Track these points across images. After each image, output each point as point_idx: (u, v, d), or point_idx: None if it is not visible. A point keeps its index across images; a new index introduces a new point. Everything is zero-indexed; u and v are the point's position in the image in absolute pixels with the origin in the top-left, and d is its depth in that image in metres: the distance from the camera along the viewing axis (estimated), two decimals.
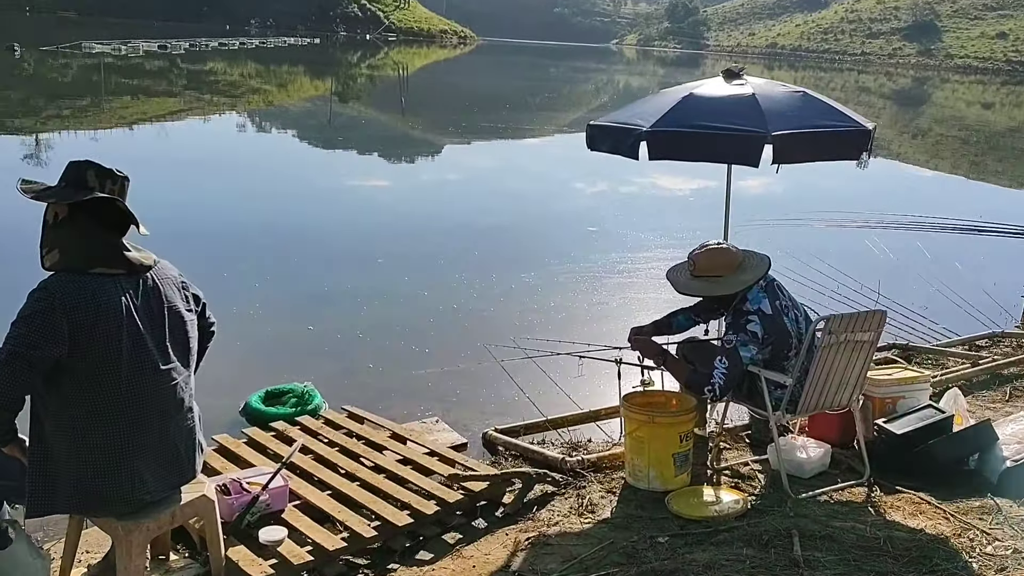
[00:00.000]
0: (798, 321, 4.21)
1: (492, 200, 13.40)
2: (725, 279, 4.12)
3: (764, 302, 4.08)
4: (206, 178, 13.89)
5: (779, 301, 4.15)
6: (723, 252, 4.18)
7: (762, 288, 4.13)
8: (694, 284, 4.18)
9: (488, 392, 5.76)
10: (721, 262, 4.15)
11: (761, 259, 4.21)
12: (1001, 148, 27.36)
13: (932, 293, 8.32)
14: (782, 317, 4.12)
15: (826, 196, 14.18)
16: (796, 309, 4.25)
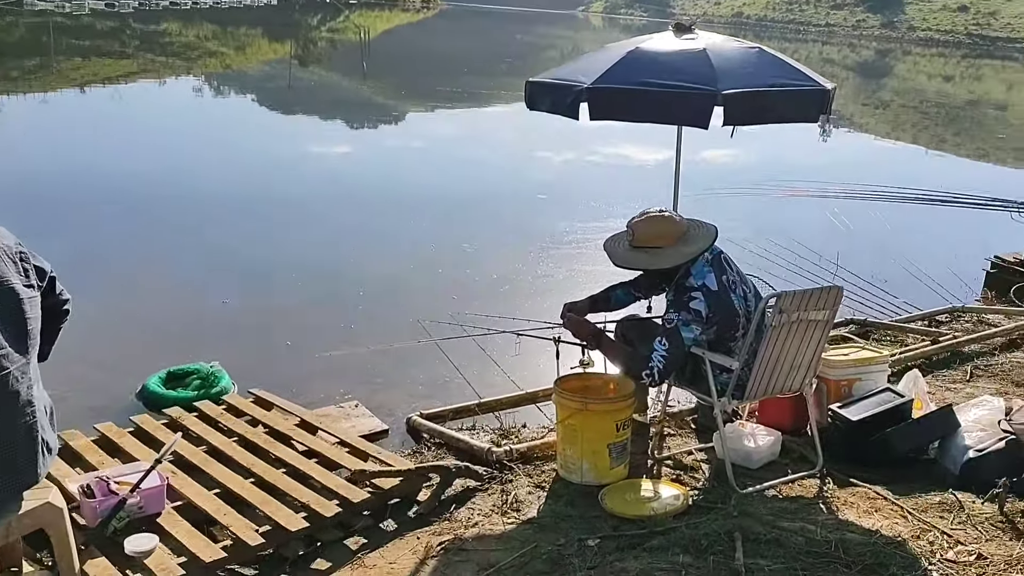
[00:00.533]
0: (747, 298, 3.78)
1: (448, 169, 12.75)
2: (666, 251, 3.66)
3: (709, 277, 3.64)
4: (152, 144, 13.12)
5: (726, 276, 3.71)
6: (665, 221, 3.72)
7: (708, 261, 3.69)
8: (632, 256, 3.72)
9: (420, 372, 5.27)
10: (662, 231, 3.69)
11: (707, 229, 3.77)
12: (960, 120, 27.22)
13: (892, 266, 7.96)
14: (729, 294, 3.68)
15: (788, 167, 13.78)
16: (745, 285, 3.82)
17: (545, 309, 5.86)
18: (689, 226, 3.76)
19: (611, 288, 4.07)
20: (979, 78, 37.59)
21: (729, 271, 3.75)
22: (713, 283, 3.63)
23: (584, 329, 3.77)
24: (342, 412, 4.49)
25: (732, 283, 3.72)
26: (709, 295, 3.60)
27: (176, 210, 9.13)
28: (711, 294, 3.60)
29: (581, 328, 3.78)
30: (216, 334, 5.74)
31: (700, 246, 3.66)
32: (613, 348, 3.75)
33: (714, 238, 3.71)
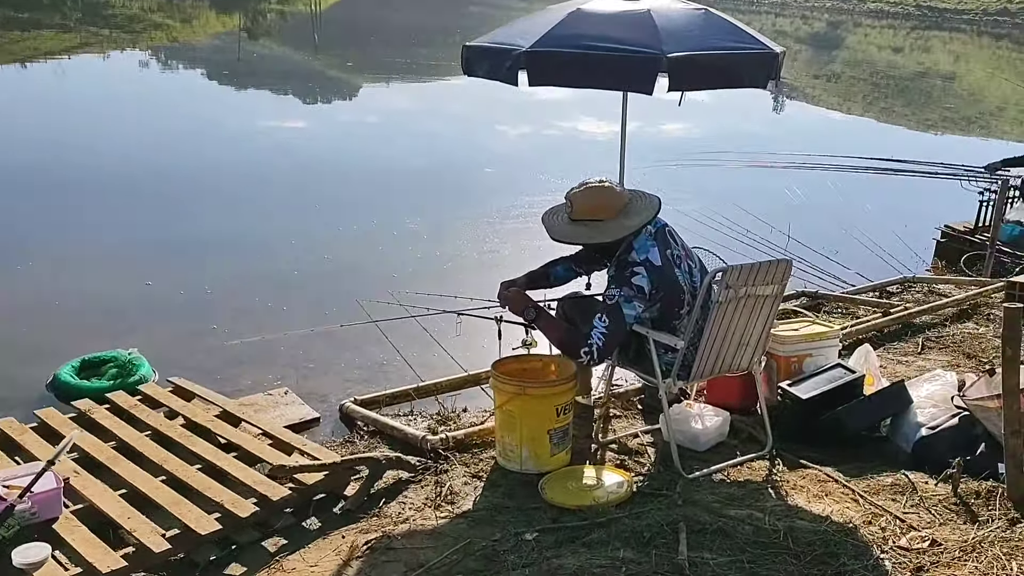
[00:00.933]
0: (692, 273, 3.55)
1: (398, 142, 12.27)
2: (606, 224, 3.41)
3: (652, 251, 3.41)
4: (89, 118, 12.51)
5: (670, 250, 3.48)
6: (604, 192, 3.47)
7: (651, 235, 3.45)
8: (571, 229, 3.46)
9: (357, 355, 4.99)
10: (602, 203, 3.44)
11: (650, 201, 3.53)
12: (909, 92, 27.39)
13: (843, 236, 7.83)
14: (673, 269, 3.45)
15: (742, 138, 13.62)
16: (691, 260, 3.59)
17: (489, 286, 5.53)
18: (631, 197, 3.52)
19: (551, 264, 3.82)
20: (927, 49, 37.84)
21: (674, 245, 3.52)
22: (656, 258, 3.40)
23: (520, 305, 3.51)
24: (270, 400, 4.20)
25: (677, 258, 3.49)
26: (652, 270, 3.37)
27: (106, 186, 8.67)
28: (654, 269, 3.37)
29: (518, 304, 3.53)
30: (137, 318, 5.36)
31: (643, 218, 3.42)
32: (551, 326, 3.50)
33: (657, 210, 3.47)
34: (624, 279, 3.36)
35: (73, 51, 22.80)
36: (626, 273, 3.37)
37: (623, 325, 3.33)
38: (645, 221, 3.41)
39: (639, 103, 4.65)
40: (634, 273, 3.36)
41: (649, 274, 3.36)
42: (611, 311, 3.32)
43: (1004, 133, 18.76)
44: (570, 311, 3.79)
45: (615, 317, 3.31)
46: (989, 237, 6.87)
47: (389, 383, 4.61)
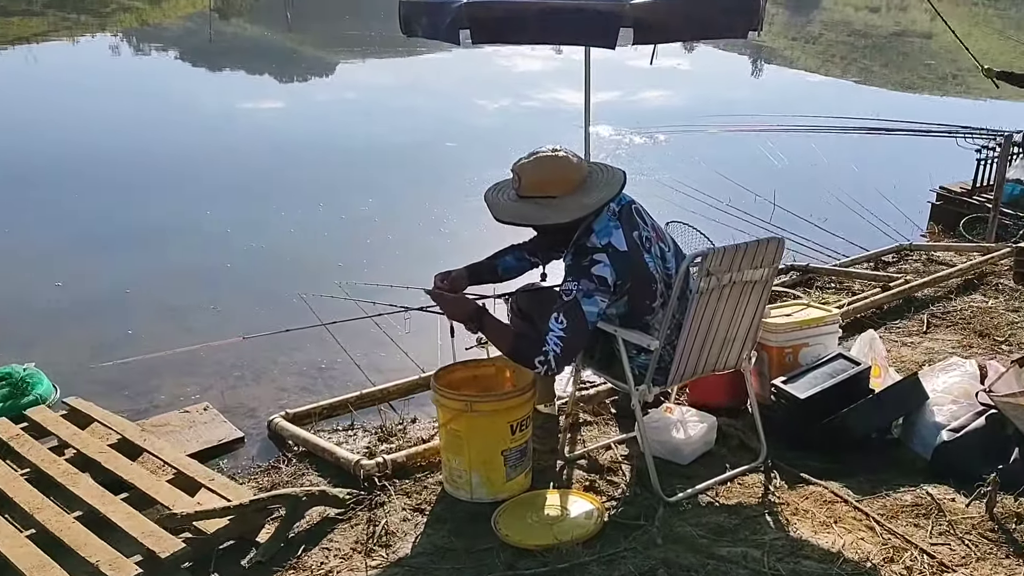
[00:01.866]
0: (665, 258, 2.92)
1: (361, 120, 11.45)
2: (560, 201, 2.77)
3: (616, 234, 2.77)
4: (47, 105, 11.60)
5: (638, 232, 2.84)
6: (558, 163, 2.81)
7: (614, 215, 2.82)
8: (518, 208, 2.80)
9: (296, 358, 4.33)
10: (554, 177, 2.79)
11: (613, 174, 2.88)
12: (887, 51, 26.71)
13: (832, 202, 7.21)
14: (641, 254, 2.81)
15: (720, 103, 12.91)
16: (663, 242, 2.95)
17: None
18: (591, 170, 2.87)
19: (498, 254, 3.17)
20: (904, 8, 37.08)
21: (642, 225, 2.88)
22: (621, 241, 2.76)
23: (460, 308, 2.87)
24: (186, 419, 3.55)
25: (646, 240, 2.85)
26: (616, 257, 2.73)
27: (39, 175, 7.89)
28: (619, 256, 2.74)
29: (456, 307, 2.88)
30: (40, 326, 4.65)
31: (604, 195, 2.78)
32: (498, 332, 2.85)
33: (621, 184, 2.82)
34: (583, 269, 2.72)
35: (41, 37, 21.85)
36: (585, 262, 2.73)
37: (584, 325, 2.69)
38: (607, 198, 2.77)
39: (614, 71, 4.03)
40: (594, 261, 2.72)
41: (613, 261, 2.72)
42: (569, 309, 2.69)
43: (984, 92, 18.16)
44: (526, 307, 3.16)
45: (574, 316, 2.68)
46: (991, 199, 6.25)
47: (331, 390, 3.99)
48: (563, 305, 2.70)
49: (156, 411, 3.69)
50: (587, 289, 2.69)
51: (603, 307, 2.73)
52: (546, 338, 2.67)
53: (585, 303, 2.69)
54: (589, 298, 2.69)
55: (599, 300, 2.71)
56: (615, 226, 2.79)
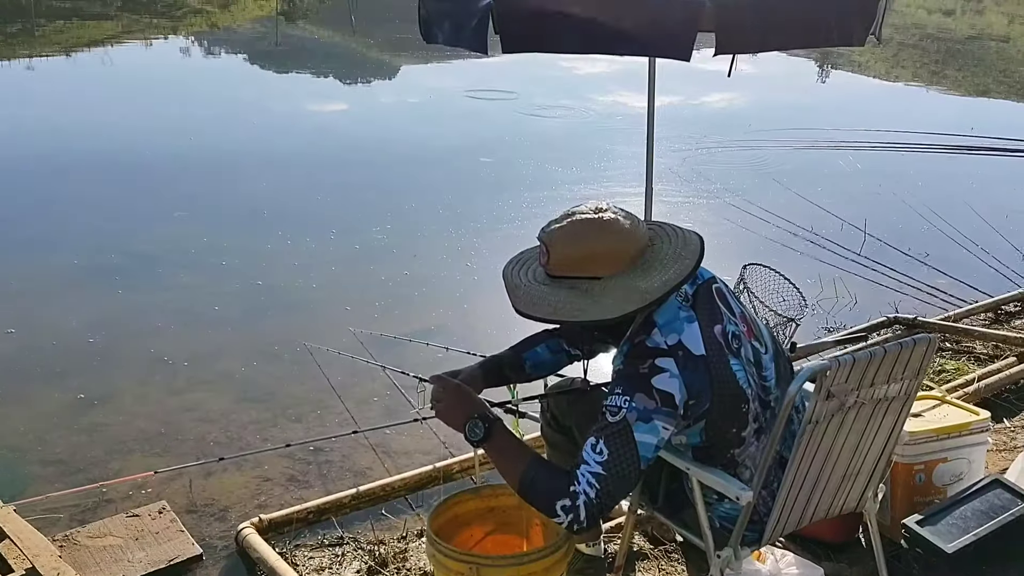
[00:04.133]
0: (760, 363, 1.95)
1: (409, 127, 10.40)
2: (606, 285, 1.82)
3: (689, 330, 1.81)
4: (96, 110, 10.99)
5: (721, 326, 1.88)
6: (602, 231, 1.83)
7: (687, 300, 1.87)
8: (546, 295, 1.85)
9: (290, 433, 3.49)
10: (598, 250, 1.82)
11: (684, 241, 1.90)
12: (961, 56, 24.97)
13: (930, 231, 6.12)
14: (726, 359, 1.85)
15: (791, 111, 11.72)
16: (758, 339, 1.97)
17: (471, 323, 4.12)
18: (652, 237, 1.94)
19: (526, 343, 2.22)
20: (980, 11, 34.95)
21: (727, 316, 1.91)
22: (696, 341, 1.81)
23: (456, 411, 1.95)
24: (133, 528, 2.72)
25: (732, 338, 1.90)
26: (689, 364, 1.78)
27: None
28: (692, 362, 1.79)
29: (451, 410, 1.95)
30: None
31: (671, 276, 1.82)
32: (505, 451, 1.90)
33: (698, 258, 1.87)
34: (639, 379, 1.77)
35: (116, 39, 21.73)
36: (643, 368, 1.79)
37: (635, 462, 1.73)
38: (674, 281, 1.82)
39: (674, 72, 3.06)
40: (656, 369, 1.77)
41: (684, 371, 1.77)
42: (614, 435, 1.74)
43: None
44: (563, 414, 2.25)
45: (621, 446, 1.73)
46: None
47: (326, 480, 3.13)
48: (606, 428, 1.75)
49: (105, 508, 2.88)
50: (644, 409, 1.74)
51: (666, 436, 1.78)
52: (577, 473, 1.75)
53: (639, 429, 1.74)
54: (646, 422, 1.74)
55: (660, 426, 1.76)
56: (688, 318, 1.84)
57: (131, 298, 4.74)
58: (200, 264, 5.24)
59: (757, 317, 2.03)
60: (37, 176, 7.31)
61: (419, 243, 5.74)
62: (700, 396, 1.80)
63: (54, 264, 5.22)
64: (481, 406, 1.94)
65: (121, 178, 7.34)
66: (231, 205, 6.64)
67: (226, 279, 5.01)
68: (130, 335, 4.26)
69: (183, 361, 3.98)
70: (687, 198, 6.77)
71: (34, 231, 5.84)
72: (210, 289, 4.82)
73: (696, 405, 1.80)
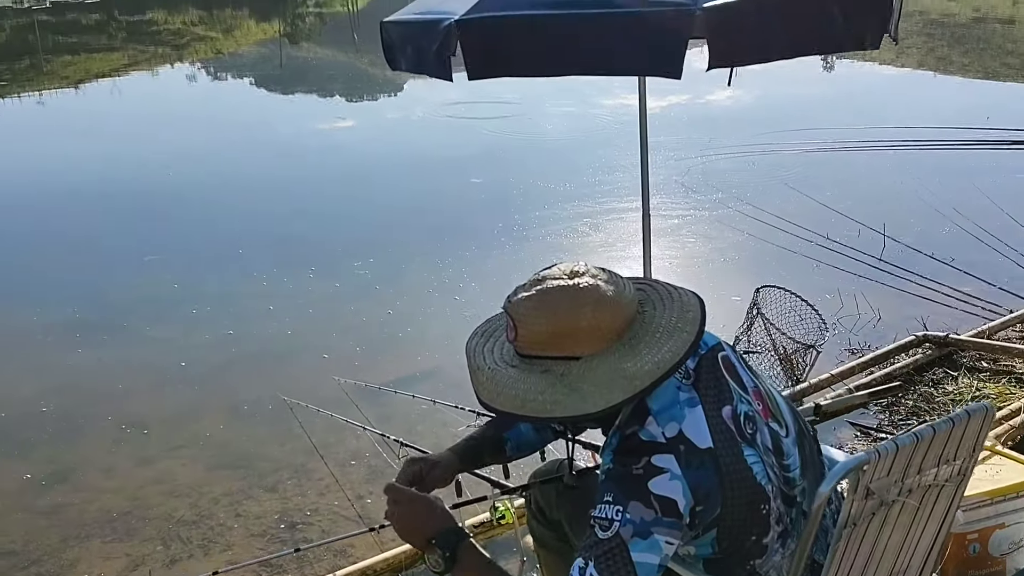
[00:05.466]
0: (781, 449, 1.54)
1: (409, 142, 10.11)
2: (587, 366, 1.43)
3: (691, 417, 1.42)
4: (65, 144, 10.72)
5: (730, 407, 1.48)
6: (576, 301, 1.44)
7: (687, 377, 1.50)
8: (515, 381, 1.46)
9: (265, 504, 3.14)
10: (574, 326, 1.43)
11: (680, 308, 1.51)
12: (967, 40, 24.38)
13: (954, 231, 5.69)
14: (739, 450, 1.44)
15: (798, 106, 11.28)
16: (776, 418, 1.57)
17: (458, 369, 3.75)
18: (641, 301, 1.54)
19: (506, 421, 1.89)
20: None
21: (737, 393, 1.51)
22: (701, 430, 1.42)
23: (415, 522, 1.56)
24: None
25: (746, 421, 1.50)
26: (693, 461, 1.39)
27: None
28: (697, 458, 1.40)
29: (408, 520, 1.57)
30: None
31: (664, 356, 1.43)
32: (474, 571, 1.58)
33: (698, 331, 1.48)
34: (632, 482, 1.39)
35: (123, 71, 21.65)
36: (636, 468, 1.39)
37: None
38: (672, 362, 1.43)
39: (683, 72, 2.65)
40: (653, 470, 1.38)
41: (687, 469, 1.39)
42: (607, 557, 1.35)
43: None
44: (550, 505, 1.88)
45: (615, 572, 1.35)
46: None
47: (301, 563, 2.78)
48: (597, 547, 1.36)
49: None
50: (640, 521, 1.35)
51: (670, 552, 1.39)
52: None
53: (637, 547, 1.35)
54: (644, 537, 1.35)
55: (662, 541, 1.37)
56: (689, 401, 1.45)
57: (94, 356, 4.37)
58: (169, 314, 4.86)
59: (774, 391, 1.64)
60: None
61: (404, 277, 5.33)
62: (709, 499, 1.41)
63: (7, 318, 4.89)
64: (444, 520, 1.57)
65: (89, 217, 7.03)
66: (205, 243, 6.28)
67: (197, 329, 4.63)
68: (94, 398, 3.91)
69: (151, 426, 3.63)
70: (692, 209, 6.37)
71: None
72: (179, 343, 4.44)
73: (705, 511, 1.42)
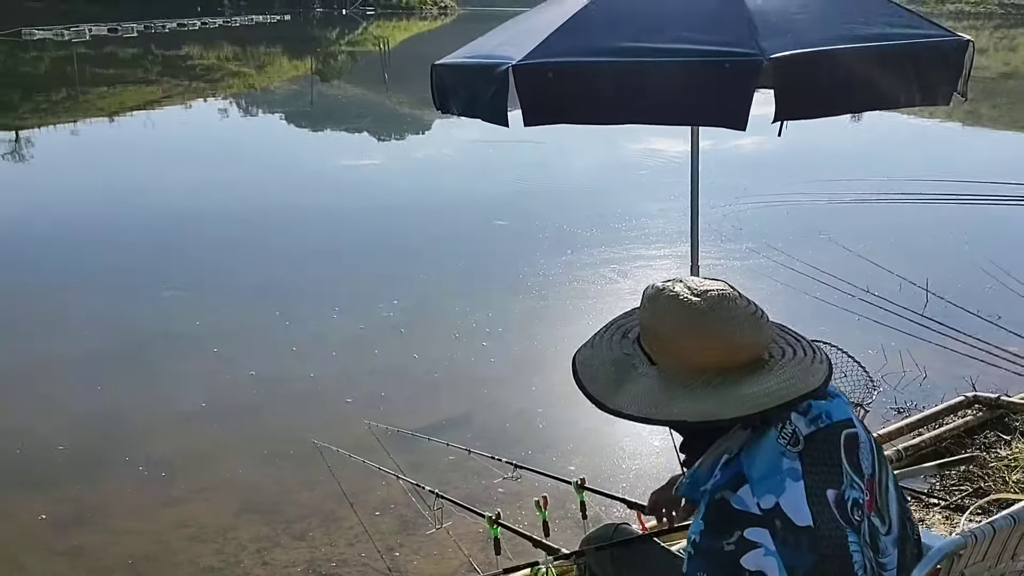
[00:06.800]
0: (877, 543, 1.39)
1: (431, 184, 10.09)
2: (719, 389, 1.31)
3: (792, 489, 1.29)
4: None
5: (836, 491, 1.33)
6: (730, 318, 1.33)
7: (793, 443, 1.33)
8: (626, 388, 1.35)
9: (293, 552, 3.03)
10: (712, 341, 1.32)
11: (808, 360, 1.36)
12: (996, 94, 24.31)
13: (998, 289, 5.56)
14: (844, 536, 1.31)
15: (823, 156, 11.20)
16: (881, 515, 1.42)
17: (490, 415, 3.65)
18: (774, 341, 1.41)
19: None
20: (1014, 48, 34.31)
21: (851, 478, 1.37)
22: (800, 507, 1.28)
23: None
24: None
25: (853, 508, 1.36)
26: (789, 539, 1.26)
27: None
28: (794, 536, 1.27)
29: None
30: None
31: (783, 387, 1.31)
32: None
33: (824, 379, 1.34)
34: (724, 559, 1.27)
35: (157, 103, 22.07)
36: (727, 543, 1.27)
37: None
38: (789, 394, 1.30)
39: None
40: (747, 544, 1.26)
41: (783, 548, 1.26)
42: None
43: None
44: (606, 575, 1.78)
45: None
46: None
47: None
48: None
49: None
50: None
51: None
52: None
53: None
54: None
55: None
56: (792, 472, 1.31)
57: (113, 392, 4.28)
58: (190, 351, 4.78)
59: (892, 485, 1.49)
60: (11, 246, 7.05)
61: (429, 320, 5.23)
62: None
63: (28, 351, 4.83)
64: None
65: (111, 249, 7.01)
66: (227, 279, 6.21)
67: (219, 369, 4.53)
68: (117, 437, 3.82)
69: (175, 467, 3.54)
70: (724, 259, 6.25)
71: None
72: (202, 381, 4.36)
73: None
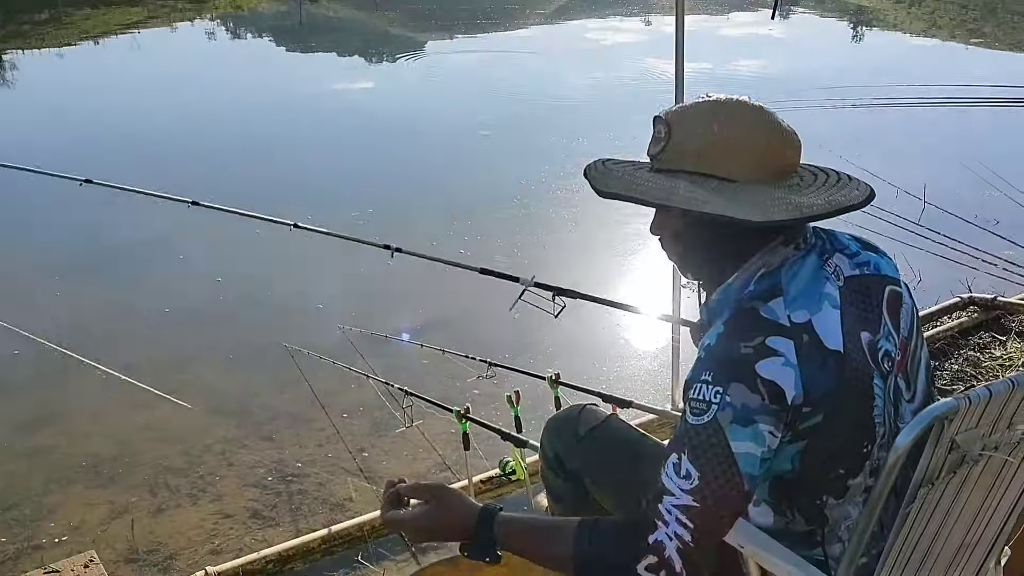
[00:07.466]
0: (899, 404, 1.26)
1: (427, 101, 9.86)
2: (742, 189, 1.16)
3: (827, 314, 1.16)
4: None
5: (871, 335, 1.20)
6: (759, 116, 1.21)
7: (836, 276, 1.21)
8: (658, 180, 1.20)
9: (263, 454, 2.94)
10: (745, 141, 1.19)
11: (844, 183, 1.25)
12: (1000, 11, 23.64)
13: (995, 196, 5.38)
14: (870, 375, 1.18)
15: (832, 74, 10.89)
16: (909, 382, 1.28)
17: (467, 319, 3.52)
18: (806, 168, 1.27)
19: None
20: None
21: (888, 329, 1.24)
22: (833, 331, 1.15)
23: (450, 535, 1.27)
24: None
25: (884, 358, 1.22)
26: (814, 356, 1.12)
27: None
28: (820, 355, 1.13)
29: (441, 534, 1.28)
30: None
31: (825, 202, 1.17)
32: (534, 543, 1.24)
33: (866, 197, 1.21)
34: (738, 362, 1.11)
35: (141, 25, 21.47)
36: (746, 346, 1.11)
37: (737, 487, 1.10)
38: (830, 208, 1.16)
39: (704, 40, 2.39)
40: (766, 351, 1.11)
41: (804, 363, 1.11)
42: (704, 448, 1.09)
43: None
44: (569, 453, 1.65)
45: (715, 464, 1.09)
46: None
47: (296, 515, 2.58)
48: (690, 436, 1.11)
49: (28, 557, 2.37)
50: (742, 406, 1.09)
51: (774, 445, 1.12)
52: (659, 509, 1.11)
53: (736, 435, 1.09)
54: (745, 424, 1.09)
55: (766, 432, 1.10)
56: (831, 298, 1.18)
57: (79, 296, 4.15)
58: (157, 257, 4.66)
59: (924, 357, 1.34)
60: None
61: (407, 229, 5.03)
62: (818, 405, 1.13)
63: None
64: (469, 509, 1.27)
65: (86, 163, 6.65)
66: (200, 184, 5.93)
67: (185, 275, 4.42)
68: (80, 342, 3.64)
69: (142, 371, 3.40)
70: None
71: None
72: (171, 287, 4.23)
73: (809, 415, 1.13)
